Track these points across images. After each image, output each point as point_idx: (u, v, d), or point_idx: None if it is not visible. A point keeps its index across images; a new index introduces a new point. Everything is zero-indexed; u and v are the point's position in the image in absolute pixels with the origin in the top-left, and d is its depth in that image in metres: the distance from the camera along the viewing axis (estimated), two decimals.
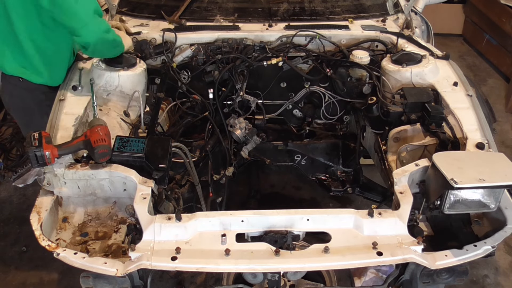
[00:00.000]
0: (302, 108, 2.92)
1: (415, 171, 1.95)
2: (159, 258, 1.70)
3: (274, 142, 2.90)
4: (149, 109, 2.49)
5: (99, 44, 2.26)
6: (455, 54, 5.56)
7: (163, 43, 2.70)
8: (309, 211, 1.85)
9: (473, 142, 2.05)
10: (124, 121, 2.31)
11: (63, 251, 1.76)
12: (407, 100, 2.26)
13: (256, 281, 1.94)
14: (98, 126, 1.90)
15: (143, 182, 1.89)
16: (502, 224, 1.86)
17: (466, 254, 1.78)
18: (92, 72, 2.36)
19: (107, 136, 1.89)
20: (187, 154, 2.31)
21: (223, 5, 3.01)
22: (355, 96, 2.73)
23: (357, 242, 1.78)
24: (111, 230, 1.96)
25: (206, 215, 1.84)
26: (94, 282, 1.87)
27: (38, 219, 1.83)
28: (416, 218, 1.91)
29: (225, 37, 2.74)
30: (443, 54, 2.59)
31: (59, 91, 2.30)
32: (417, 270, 1.93)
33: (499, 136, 4.20)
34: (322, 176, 2.94)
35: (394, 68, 2.42)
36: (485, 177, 1.71)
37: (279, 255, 1.71)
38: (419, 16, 3.17)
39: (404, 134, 2.27)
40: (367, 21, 2.93)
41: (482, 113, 2.19)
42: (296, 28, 2.78)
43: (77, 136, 1.96)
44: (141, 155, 1.93)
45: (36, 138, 1.83)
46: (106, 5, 3.00)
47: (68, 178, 1.92)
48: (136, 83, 2.41)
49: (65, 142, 1.94)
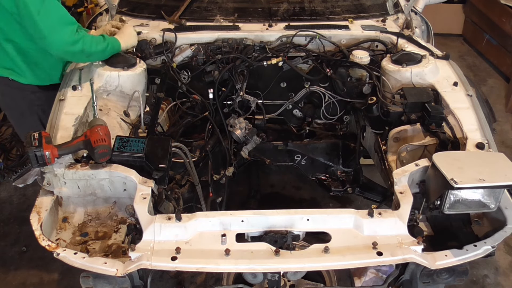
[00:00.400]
0: (302, 108, 2.92)
1: (415, 171, 1.95)
2: (159, 258, 1.70)
3: (274, 142, 2.90)
4: (149, 109, 2.49)
5: (65, 55, 2.24)
6: (455, 54, 5.56)
7: (163, 43, 2.70)
8: (309, 211, 1.85)
9: (473, 142, 2.05)
10: (124, 121, 2.31)
11: (63, 251, 1.76)
12: (407, 100, 2.26)
13: (256, 281, 1.94)
14: (98, 126, 1.90)
15: (143, 182, 1.89)
16: (502, 224, 1.86)
17: (466, 254, 1.78)
18: (92, 72, 2.36)
19: (107, 136, 1.89)
20: (187, 154, 2.31)
21: (223, 5, 3.01)
22: (355, 96, 2.73)
23: (357, 242, 1.78)
24: (111, 230, 1.96)
25: (206, 215, 1.84)
26: (94, 282, 1.87)
27: (38, 219, 1.83)
28: (416, 218, 1.91)
29: (225, 37, 2.74)
30: (443, 54, 2.59)
31: (59, 91, 2.30)
32: (417, 270, 1.93)
33: (499, 136, 4.20)
34: (322, 176, 2.94)
35: (394, 68, 2.42)
36: (485, 177, 1.71)
37: (279, 255, 1.71)
38: (419, 16, 3.17)
39: (404, 134, 2.27)
40: (367, 21, 2.93)
41: (482, 113, 2.19)
42: (296, 28, 2.78)
43: (77, 136, 1.96)
44: (141, 155, 1.93)
45: (36, 138, 1.82)
46: (106, 5, 3.00)
47: (68, 178, 1.92)
48: (136, 83, 2.41)
49: (65, 142, 1.93)
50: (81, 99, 2.24)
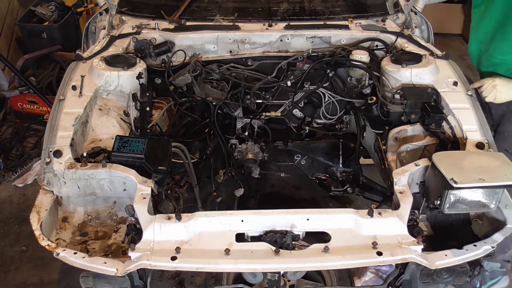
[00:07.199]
0: (302, 108, 2.92)
1: (415, 171, 1.95)
2: (159, 258, 1.70)
3: (274, 142, 2.91)
4: (149, 109, 2.48)
5: None
6: (455, 54, 5.54)
7: (165, 45, 2.69)
8: (309, 211, 1.85)
9: (473, 142, 2.05)
10: (124, 121, 2.31)
11: (63, 251, 1.76)
12: (407, 100, 2.26)
13: (256, 281, 1.94)
14: None
15: (143, 182, 1.88)
16: (502, 224, 1.86)
17: (466, 254, 1.78)
18: (92, 71, 2.36)
19: None
20: (187, 155, 2.31)
21: (223, 5, 3.01)
22: (355, 96, 2.73)
23: (357, 242, 1.78)
24: (111, 230, 1.96)
25: (206, 215, 1.84)
26: (94, 282, 1.87)
27: (38, 219, 1.83)
28: (416, 218, 1.91)
29: (225, 36, 2.74)
30: (443, 54, 2.59)
31: (59, 91, 2.30)
32: (417, 270, 1.93)
33: None
34: (322, 176, 2.95)
35: (394, 68, 2.42)
36: (485, 177, 1.71)
37: (279, 255, 1.71)
38: (419, 16, 3.17)
39: (404, 134, 2.27)
40: (367, 21, 2.92)
41: (482, 113, 2.19)
42: (296, 28, 2.78)
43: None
44: (140, 156, 1.93)
45: None
46: (106, 5, 3.00)
47: (68, 178, 1.92)
48: (136, 83, 2.41)
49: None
50: (81, 99, 2.23)
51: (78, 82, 2.31)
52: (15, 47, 5.01)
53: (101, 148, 2.05)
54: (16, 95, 4.20)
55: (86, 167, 1.92)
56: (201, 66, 2.65)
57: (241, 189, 2.68)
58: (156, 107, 2.58)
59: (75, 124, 2.08)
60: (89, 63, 2.43)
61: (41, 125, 4.23)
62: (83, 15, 5.18)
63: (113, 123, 2.23)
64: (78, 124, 2.10)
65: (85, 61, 2.48)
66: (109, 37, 2.70)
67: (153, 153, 1.98)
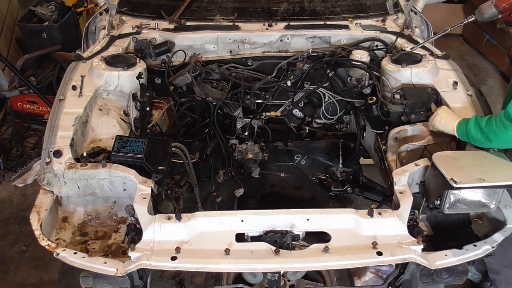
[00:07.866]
0: (302, 108, 2.92)
1: (415, 171, 1.95)
2: (159, 258, 1.70)
3: (274, 142, 2.91)
4: (149, 109, 2.48)
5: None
6: (455, 54, 5.55)
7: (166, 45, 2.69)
8: (309, 211, 1.85)
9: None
10: (124, 121, 2.31)
11: (63, 251, 1.76)
12: (407, 99, 2.26)
13: (256, 281, 1.94)
14: None
15: (143, 182, 1.88)
16: (502, 224, 1.86)
17: (466, 254, 1.78)
18: (92, 71, 2.36)
19: None
20: (187, 155, 2.31)
21: (223, 4, 3.01)
22: (355, 96, 2.73)
23: (357, 242, 1.78)
24: (111, 230, 1.96)
25: (206, 215, 1.84)
26: (94, 282, 1.87)
27: (38, 219, 1.83)
28: (416, 218, 1.91)
29: (225, 36, 2.74)
30: (443, 54, 2.59)
31: (59, 91, 2.30)
32: (417, 270, 1.93)
33: None
34: (322, 176, 2.95)
35: (394, 67, 2.42)
36: (485, 177, 1.71)
37: (279, 255, 1.71)
38: (419, 16, 3.17)
39: (404, 134, 2.27)
40: (367, 21, 2.93)
41: (482, 113, 2.19)
42: (296, 28, 2.77)
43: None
44: (140, 156, 1.93)
45: None
46: (106, 5, 3.00)
47: (68, 178, 1.92)
48: (136, 83, 2.41)
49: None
50: (81, 98, 2.23)
51: (78, 82, 2.31)
52: (15, 47, 5.00)
53: (101, 148, 2.05)
54: (16, 95, 4.19)
55: (86, 167, 1.92)
56: (201, 66, 2.65)
57: (241, 189, 2.69)
58: (156, 107, 2.59)
59: (75, 124, 2.08)
60: (89, 63, 2.43)
61: (41, 125, 4.22)
62: (83, 15, 5.17)
63: (113, 123, 2.23)
64: (78, 124, 2.10)
65: (85, 61, 2.48)
66: (109, 37, 2.70)
67: (153, 153, 1.98)
